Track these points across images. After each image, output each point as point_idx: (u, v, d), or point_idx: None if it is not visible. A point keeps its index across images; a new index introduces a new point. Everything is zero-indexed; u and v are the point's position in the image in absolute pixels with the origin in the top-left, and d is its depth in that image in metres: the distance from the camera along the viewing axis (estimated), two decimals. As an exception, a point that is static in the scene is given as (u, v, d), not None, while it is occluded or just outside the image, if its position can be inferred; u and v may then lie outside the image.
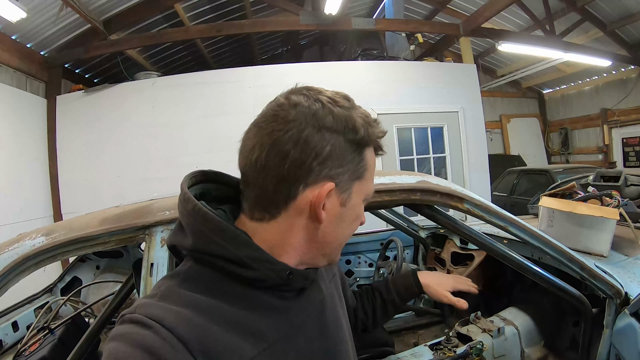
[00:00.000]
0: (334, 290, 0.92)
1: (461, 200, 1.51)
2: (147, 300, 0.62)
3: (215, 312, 0.62)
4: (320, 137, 0.66)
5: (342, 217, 0.74)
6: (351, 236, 0.81)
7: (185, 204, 0.68)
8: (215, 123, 5.25)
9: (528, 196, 6.49)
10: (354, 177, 0.72)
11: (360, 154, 0.72)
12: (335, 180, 0.69)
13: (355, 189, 0.73)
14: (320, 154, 0.66)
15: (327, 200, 0.69)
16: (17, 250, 1.21)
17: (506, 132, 11.79)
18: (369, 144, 0.74)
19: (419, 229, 3.26)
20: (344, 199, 0.72)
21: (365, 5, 9.08)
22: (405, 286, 1.41)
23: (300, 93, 0.71)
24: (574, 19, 7.60)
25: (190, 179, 0.75)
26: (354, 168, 0.71)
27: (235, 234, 0.66)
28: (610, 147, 10.18)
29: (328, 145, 0.67)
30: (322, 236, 0.73)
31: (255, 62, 8.75)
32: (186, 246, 0.68)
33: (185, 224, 0.69)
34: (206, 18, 6.79)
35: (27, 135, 4.89)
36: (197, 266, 0.68)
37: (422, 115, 5.98)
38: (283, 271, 0.69)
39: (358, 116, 0.71)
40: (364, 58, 6.76)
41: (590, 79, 10.50)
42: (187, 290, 0.64)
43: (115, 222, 1.29)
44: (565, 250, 1.64)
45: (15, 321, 2.36)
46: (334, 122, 0.68)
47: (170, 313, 0.58)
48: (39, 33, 4.85)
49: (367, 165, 0.74)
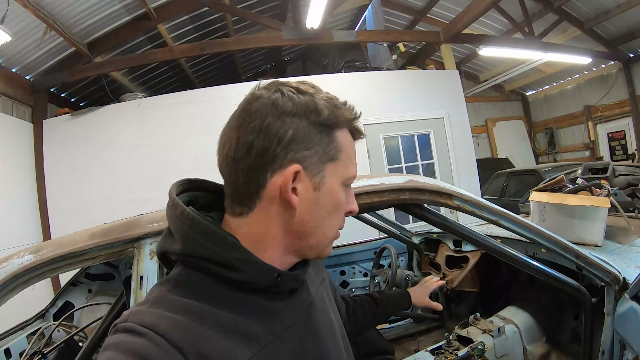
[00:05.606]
0: (324, 294, 0.92)
1: (450, 197, 1.51)
2: (139, 308, 0.62)
3: (208, 317, 0.62)
4: (281, 122, 0.68)
5: (319, 202, 0.72)
6: (338, 227, 0.78)
7: (174, 210, 0.69)
8: (202, 142, 5.17)
9: (518, 197, 6.53)
10: (325, 159, 0.71)
11: (328, 135, 0.71)
12: (303, 164, 0.69)
13: (328, 172, 0.72)
14: (282, 138, 0.67)
15: (299, 185, 0.69)
16: (5, 269, 1.20)
17: (492, 136, 11.93)
18: (339, 126, 0.73)
19: (412, 235, 3.26)
20: (317, 182, 0.71)
21: (346, 18, 9.19)
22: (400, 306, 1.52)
23: (263, 87, 0.73)
24: (552, 19, 7.78)
25: (177, 186, 0.76)
26: (323, 150, 0.71)
27: (223, 237, 0.66)
28: (596, 142, 10.38)
29: (290, 130, 0.68)
30: (301, 224, 0.72)
31: (240, 80, 8.77)
32: (175, 251, 0.69)
33: (174, 229, 0.69)
34: (189, 38, 6.85)
35: (15, 160, 4.85)
36: (187, 271, 0.68)
37: (408, 123, 6.02)
38: (271, 272, 0.69)
39: (322, 99, 0.71)
40: (348, 70, 6.81)
41: (571, 77, 10.73)
42: (178, 295, 0.64)
43: (103, 237, 1.28)
44: (559, 240, 1.63)
45: (8, 348, 2.31)
46: (294, 107, 0.69)
47: (162, 319, 0.58)
48: (24, 57, 4.84)
49: (341, 147, 0.73)
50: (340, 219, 0.78)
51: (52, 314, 2.69)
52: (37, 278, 1.24)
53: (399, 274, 2.67)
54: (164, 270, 1.23)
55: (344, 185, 0.75)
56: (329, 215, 0.75)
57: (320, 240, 0.76)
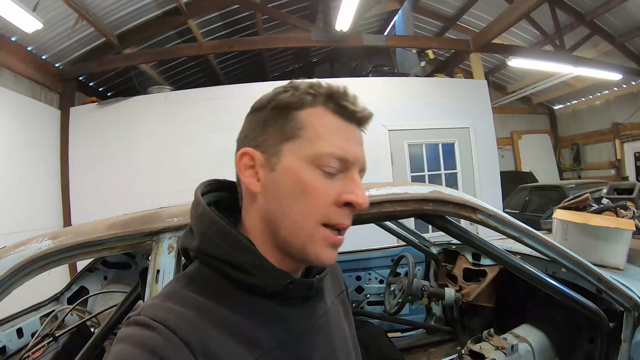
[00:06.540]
0: (340, 306, 0.90)
1: (474, 210, 1.49)
2: (152, 302, 0.63)
3: (215, 316, 0.63)
4: (249, 119, 0.73)
5: (278, 183, 0.68)
6: (317, 215, 0.67)
7: (196, 208, 0.71)
8: (226, 139, 5.17)
9: (540, 213, 6.41)
10: (282, 138, 0.68)
11: (286, 115, 0.69)
12: (260, 148, 0.70)
13: (286, 150, 0.68)
14: (245, 132, 0.73)
15: (260, 170, 0.70)
16: (23, 253, 1.21)
17: (517, 149, 11.75)
18: (302, 105, 0.69)
19: (431, 245, 3.22)
20: (273, 162, 0.68)
21: (376, 22, 9.17)
22: None
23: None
24: (583, 32, 7.61)
25: (205, 186, 0.78)
26: (279, 130, 0.69)
27: (238, 239, 0.67)
28: (622, 161, 10.12)
29: (252, 122, 0.72)
30: (268, 212, 0.69)
31: (267, 79, 8.81)
32: (193, 248, 0.70)
33: (194, 226, 0.71)
34: (219, 34, 6.89)
35: (40, 145, 4.94)
36: (202, 268, 0.69)
37: (433, 132, 5.94)
38: (283, 279, 0.68)
39: (288, 87, 0.71)
40: (375, 74, 6.76)
41: (600, 93, 10.49)
42: (191, 292, 0.65)
43: (122, 228, 1.28)
44: (582, 261, 1.61)
45: (20, 328, 2.34)
46: (259, 102, 0.73)
47: (173, 314, 0.60)
48: (54, 45, 4.93)
49: (302, 125, 0.68)
50: (313, 205, 0.67)
51: (67, 297, 2.73)
52: (54, 264, 1.25)
53: (415, 283, 2.65)
54: (181, 265, 1.23)
55: (314, 164, 0.67)
56: (295, 198, 0.67)
57: (292, 231, 0.68)
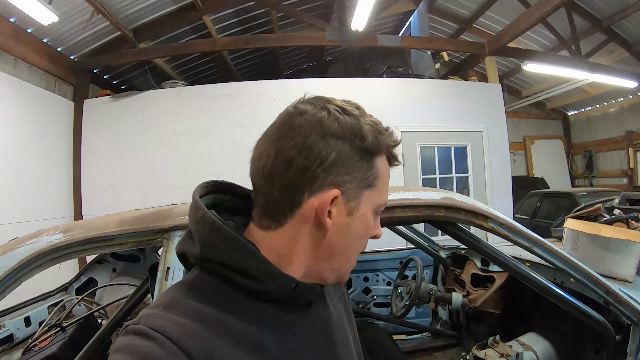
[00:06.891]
0: (342, 309, 0.90)
1: (486, 218, 1.48)
2: (152, 311, 0.62)
3: (220, 326, 0.61)
4: (324, 143, 0.65)
5: (350, 227, 0.71)
6: (360, 252, 0.77)
7: (195, 212, 0.68)
8: (238, 135, 5.24)
9: (550, 219, 6.37)
10: (363, 185, 0.70)
11: (369, 161, 0.70)
12: (342, 188, 0.67)
13: (364, 198, 0.71)
14: (324, 160, 0.65)
15: (334, 209, 0.68)
16: (34, 245, 1.22)
17: (530, 154, 11.65)
18: (380, 152, 0.71)
19: (440, 248, 3.21)
20: (352, 207, 0.69)
21: (391, 22, 9.14)
22: None
23: (308, 102, 0.71)
24: (599, 39, 7.52)
25: (202, 188, 0.75)
26: (362, 176, 0.69)
27: (243, 244, 0.65)
28: (635, 170, 9.99)
29: (333, 152, 0.66)
30: (329, 246, 0.70)
31: (280, 77, 8.82)
32: (194, 254, 0.68)
33: (194, 231, 0.68)
34: (233, 31, 6.91)
35: (53, 136, 5.00)
36: (204, 275, 0.67)
37: (445, 134, 5.92)
38: (289, 284, 0.67)
39: (366, 123, 0.69)
40: (389, 75, 6.74)
41: (615, 100, 10.35)
42: (193, 300, 0.63)
43: (133, 224, 1.28)
44: (591, 273, 1.60)
45: (28, 316, 2.36)
46: (340, 128, 0.67)
47: (175, 324, 0.57)
48: (70, 38, 4.98)
49: (379, 174, 0.72)
50: (365, 244, 0.76)
51: (75, 288, 2.75)
52: (64, 257, 1.25)
53: (422, 287, 2.64)
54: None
55: (375, 211, 0.74)
56: (357, 240, 0.74)
57: (342, 264, 0.74)
